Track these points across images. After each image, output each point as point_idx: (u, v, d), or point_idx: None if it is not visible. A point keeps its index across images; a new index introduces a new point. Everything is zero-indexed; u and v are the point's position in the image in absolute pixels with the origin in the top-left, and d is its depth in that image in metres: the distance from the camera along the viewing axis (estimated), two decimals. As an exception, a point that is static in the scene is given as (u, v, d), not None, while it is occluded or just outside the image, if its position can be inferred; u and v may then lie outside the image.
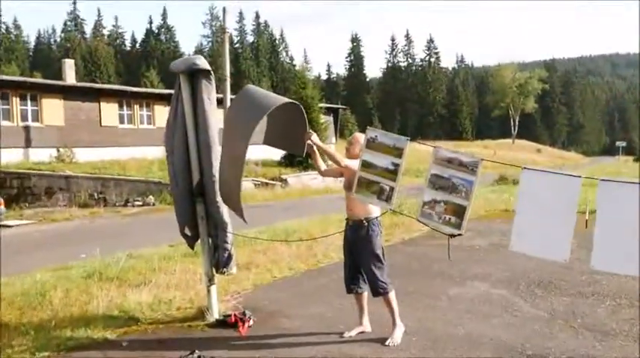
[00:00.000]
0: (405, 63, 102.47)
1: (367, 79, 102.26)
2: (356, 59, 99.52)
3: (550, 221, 3.26)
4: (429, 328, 4.70)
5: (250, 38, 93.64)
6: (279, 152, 24.66)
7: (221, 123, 5.13)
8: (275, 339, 4.58)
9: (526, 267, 6.76)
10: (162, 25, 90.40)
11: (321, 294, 5.92)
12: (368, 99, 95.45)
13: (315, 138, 4.38)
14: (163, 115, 19.11)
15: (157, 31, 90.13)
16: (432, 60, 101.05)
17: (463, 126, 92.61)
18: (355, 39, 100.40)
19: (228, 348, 4.42)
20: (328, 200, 18.44)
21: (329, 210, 13.06)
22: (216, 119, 4.78)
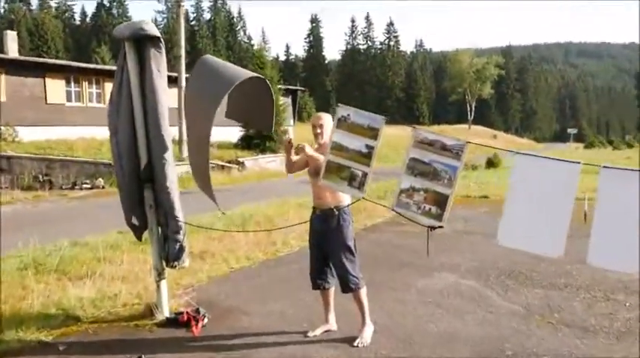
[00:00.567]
0: (365, 45, 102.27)
1: (326, 62, 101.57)
2: (315, 40, 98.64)
3: (544, 212, 2.92)
4: (400, 325, 4.34)
5: (207, 15, 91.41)
6: (235, 134, 23.96)
7: (176, 102, 4.62)
8: (232, 340, 4.13)
9: (494, 256, 6.51)
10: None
11: (282, 287, 5.50)
12: (327, 81, 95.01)
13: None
14: (114, 93, 18.09)
15: (109, 5, 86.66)
16: (392, 43, 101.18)
17: (420, 110, 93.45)
18: (315, 20, 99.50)
19: (179, 351, 3.96)
20: (286, 183, 17.96)
21: (287, 194, 12.64)
22: (166, 93, 4.24)
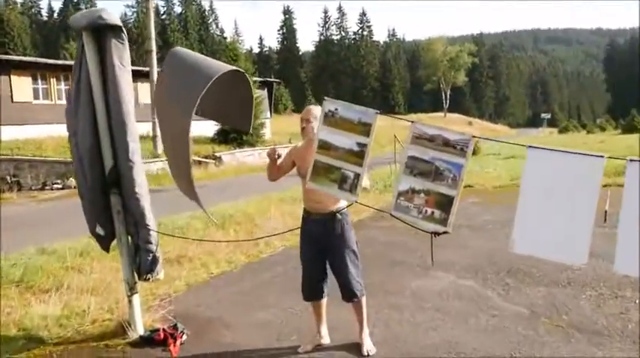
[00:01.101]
0: (338, 36, 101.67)
1: (300, 53, 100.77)
2: (288, 32, 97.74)
3: (563, 214, 2.58)
4: (398, 336, 3.98)
5: (178, 9, 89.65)
6: (212, 128, 23.37)
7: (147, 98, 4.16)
8: (214, 359, 3.74)
9: (488, 251, 6.24)
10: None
11: (267, 294, 5.11)
12: (301, 73, 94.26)
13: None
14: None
15: (77, 0, 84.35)
16: (365, 33, 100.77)
17: (396, 99, 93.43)
18: (287, 11, 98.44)
19: (155, 375, 3.56)
20: (265, 178, 17.43)
21: (267, 189, 12.19)
22: (131, 88, 3.80)
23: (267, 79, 34.23)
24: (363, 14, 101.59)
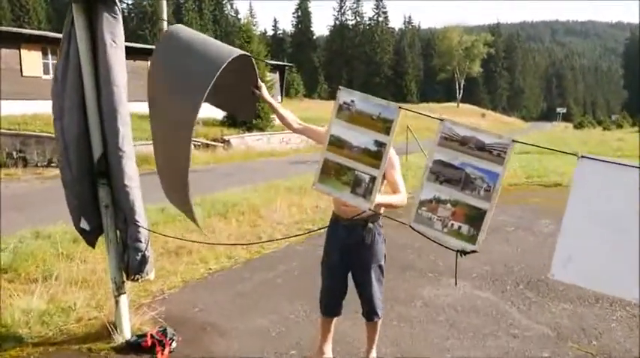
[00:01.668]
0: (354, 21, 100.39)
1: (314, 37, 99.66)
2: (303, 15, 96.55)
3: (615, 239, 2.17)
4: (409, 354, 3.61)
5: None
6: (221, 111, 22.99)
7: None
8: (205, 373, 3.39)
9: (506, 258, 5.83)
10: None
11: (267, 297, 4.74)
12: (314, 57, 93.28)
13: (264, 90, 3.28)
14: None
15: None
16: (381, 19, 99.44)
17: (408, 88, 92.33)
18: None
19: (138, 388, 3.22)
20: (274, 163, 17.18)
21: (275, 176, 11.86)
22: (123, 68, 3.40)
23: (278, 63, 33.70)
24: (380, 0, 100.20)
